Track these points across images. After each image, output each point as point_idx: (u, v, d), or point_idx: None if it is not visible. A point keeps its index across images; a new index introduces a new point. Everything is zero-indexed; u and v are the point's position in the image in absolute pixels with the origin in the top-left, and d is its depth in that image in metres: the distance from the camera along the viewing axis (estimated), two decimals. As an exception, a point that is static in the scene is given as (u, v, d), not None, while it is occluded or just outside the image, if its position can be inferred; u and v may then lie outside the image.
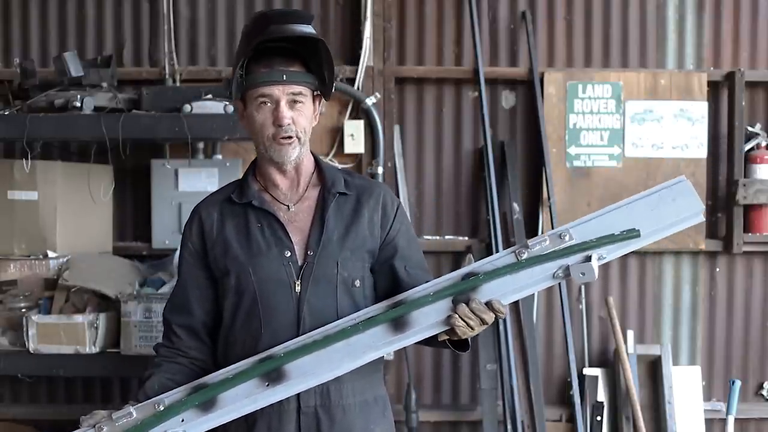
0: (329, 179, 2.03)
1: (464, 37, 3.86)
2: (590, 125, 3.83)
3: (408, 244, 2.07)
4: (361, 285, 2.00)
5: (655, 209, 1.80)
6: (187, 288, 2.05)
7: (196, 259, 2.04)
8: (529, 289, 1.83)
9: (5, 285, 3.26)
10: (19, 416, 3.78)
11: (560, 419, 3.78)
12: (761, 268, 3.91)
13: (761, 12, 3.89)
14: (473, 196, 3.89)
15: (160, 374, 2.00)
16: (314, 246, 1.96)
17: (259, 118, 1.94)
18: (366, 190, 2.05)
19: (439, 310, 1.83)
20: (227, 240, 1.99)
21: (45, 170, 3.35)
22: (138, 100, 3.21)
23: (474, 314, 1.80)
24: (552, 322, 3.88)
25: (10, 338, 3.18)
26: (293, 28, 1.90)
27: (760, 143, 3.83)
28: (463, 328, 1.80)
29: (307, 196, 2.03)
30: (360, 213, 2.02)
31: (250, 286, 1.95)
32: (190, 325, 2.04)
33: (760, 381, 3.93)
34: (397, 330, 1.85)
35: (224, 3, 3.86)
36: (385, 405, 2.07)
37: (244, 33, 1.97)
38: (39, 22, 3.87)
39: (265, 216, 1.99)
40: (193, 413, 1.86)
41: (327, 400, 1.95)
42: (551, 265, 1.79)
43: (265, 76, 1.92)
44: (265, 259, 1.95)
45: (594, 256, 1.77)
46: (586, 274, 1.76)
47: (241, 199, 2.02)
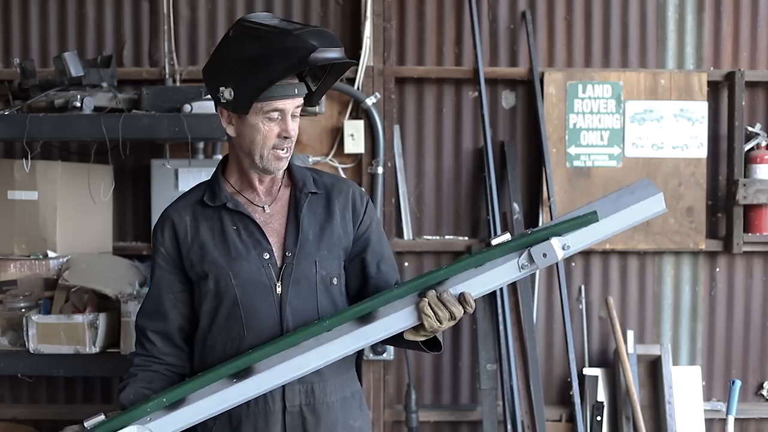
0: (300, 179, 2.03)
1: (464, 37, 3.86)
2: (590, 125, 3.83)
3: (378, 239, 2.09)
4: (338, 282, 2.01)
5: (615, 201, 1.84)
6: (162, 293, 2.03)
7: (169, 264, 2.02)
8: (496, 281, 1.86)
9: (5, 285, 3.25)
10: (19, 416, 3.78)
11: (560, 419, 3.78)
12: (761, 268, 3.91)
13: (761, 12, 3.90)
14: (473, 196, 3.89)
15: (135, 384, 1.99)
16: (292, 247, 1.96)
17: (264, 129, 1.91)
18: (335, 188, 2.06)
19: (406, 303, 1.85)
20: (203, 244, 1.98)
21: (45, 170, 3.35)
22: (138, 100, 3.21)
23: (443, 304, 1.81)
24: (552, 322, 3.88)
25: (10, 338, 3.18)
26: (338, 54, 1.89)
27: (760, 143, 3.83)
28: (432, 320, 1.81)
29: (280, 197, 2.03)
30: (332, 211, 2.03)
31: (231, 289, 1.94)
32: (164, 330, 2.02)
33: (760, 381, 3.93)
34: (364, 324, 1.87)
35: (224, 3, 3.86)
36: (361, 399, 2.09)
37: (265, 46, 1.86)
38: (39, 22, 3.87)
39: (240, 218, 1.98)
40: (161, 412, 1.87)
41: (312, 398, 1.95)
42: (513, 255, 1.82)
43: (281, 90, 1.89)
44: (244, 261, 1.95)
45: (554, 239, 1.79)
46: (547, 254, 1.79)
47: (214, 202, 2.00)
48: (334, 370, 1.97)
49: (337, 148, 3.78)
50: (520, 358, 3.63)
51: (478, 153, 3.87)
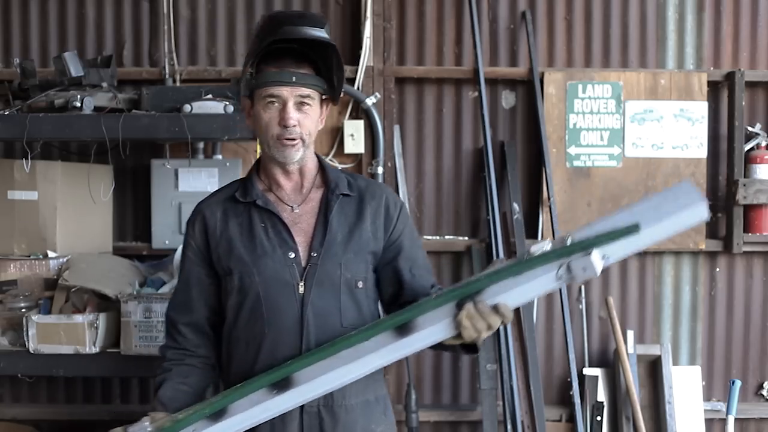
0: (333, 181, 2.04)
1: (464, 37, 3.86)
2: (590, 125, 3.83)
3: (411, 244, 2.08)
4: (363, 286, 2.01)
5: (656, 208, 1.78)
6: (190, 286, 2.06)
7: (198, 257, 2.05)
8: (533, 292, 1.82)
9: (5, 285, 3.25)
10: (19, 416, 3.78)
11: (560, 419, 3.78)
12: (761, 268, 3.91)
13: (761, 12, 3.89)
14: (473, 196, 3.89)
15: (172, 380, 2.01)
16: (318, 247, 1.97)
17: (266, 117, 1.95)
18: (369, 192, 2.06)
19: (444, 314, 1.82)
20: (231, 239, 2.00)
21: (45, 170, 3.35)
22: (138, 100, 3.21)
23: (480, 315, 1.78)
24: (552, 322, 3.88)
25: (10, 338, 3.18)
26: (306, 30, 1.92)
27: (760, 143, 3.83)
28: (470, 330, 1.78)
29: (311, 198, 2.04)
30: (363, 214, 2.03)
31: (254, 286, 1.96)
32: (194, 322, 2.05)
33: (760, 381, 3.93)
34: (402, 335, 1.85)
35: (224, 3, 3.86)
36: (386, 405, 2.08)
37: (256, 32, 1.98)
38: (39, 22, 3.87)
39: (269, 216, 2.00)
40: (203, 423, 1.86)
41: (330, 400, 1.95)
42: (553, 265, 1.78)
43: (274, 76, 1.92)
44: (269, 259, 1.96)
45: (595, 252, 1.75)
46: (587, 269, 1.75)
47: (245, 198, 2.02)
48: None
49: (337, 148, 3.78)
50: (520, 358, 3.63)
51: (478, 153, 3.87)
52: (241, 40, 3.86)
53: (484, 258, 3.76)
